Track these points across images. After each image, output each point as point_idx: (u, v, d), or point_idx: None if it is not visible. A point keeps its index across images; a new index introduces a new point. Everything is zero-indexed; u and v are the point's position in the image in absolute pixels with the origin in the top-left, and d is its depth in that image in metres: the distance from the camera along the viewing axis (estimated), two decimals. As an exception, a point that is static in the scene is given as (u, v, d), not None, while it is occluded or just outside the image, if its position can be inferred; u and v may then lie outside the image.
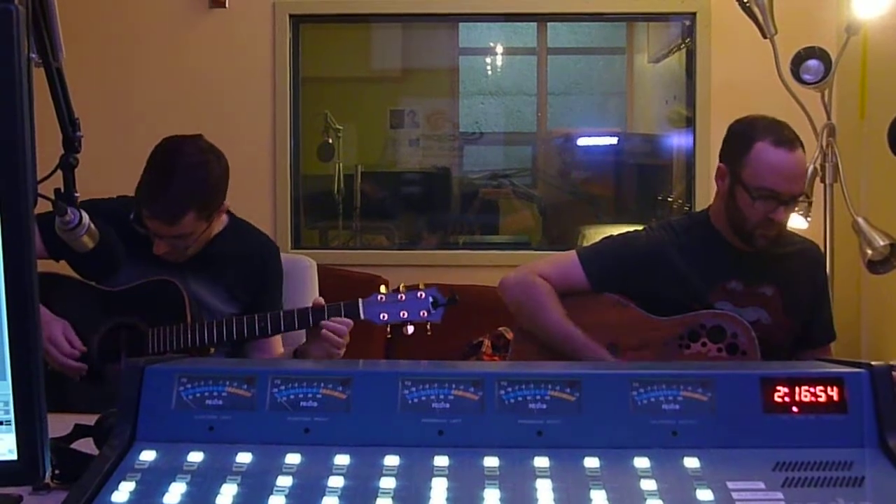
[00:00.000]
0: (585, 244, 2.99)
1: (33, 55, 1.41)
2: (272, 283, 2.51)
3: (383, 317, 2.21)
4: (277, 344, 2.48)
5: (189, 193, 2.24)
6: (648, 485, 0.96)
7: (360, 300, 2.23)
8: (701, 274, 2.39)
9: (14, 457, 0.93)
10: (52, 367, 2.24)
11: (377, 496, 0.95)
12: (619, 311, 2.40)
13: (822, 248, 2.83)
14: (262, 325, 2.25)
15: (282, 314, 2.26)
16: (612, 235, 2.56)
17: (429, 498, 0.95)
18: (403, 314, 2.20)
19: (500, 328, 4.15)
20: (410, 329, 2.21)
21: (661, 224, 2.52)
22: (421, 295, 2.21)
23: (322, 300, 2.28)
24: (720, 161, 2.43)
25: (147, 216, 2.26)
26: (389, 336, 2.26)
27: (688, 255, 2.41)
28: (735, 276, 2.38)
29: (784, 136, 2.31)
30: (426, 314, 2.19)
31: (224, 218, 2.45)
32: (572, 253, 2.49)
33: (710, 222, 2.44)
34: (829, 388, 1.04)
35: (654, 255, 2.42)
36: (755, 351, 2.30)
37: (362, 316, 2.22)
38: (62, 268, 2.28)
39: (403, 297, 2.21)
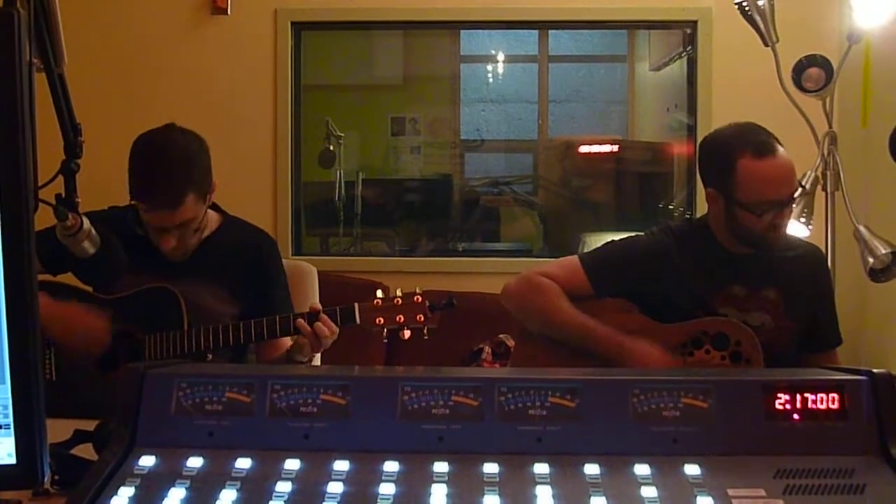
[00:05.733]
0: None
1: (35, 60, 1.41)
2: (273, 277, 2.50)
3: (380, 321, 2.20)
4: (285, 339, 2.47)
5: (185, 175, 2.25)
6: (649, 492, 0.96)
7: (356, 305, 2.23)
8: (703, 279, 2.38)
9: (13, 461, 0.93)
10: (78, 345, 2.24)
11: (377, 502, 0.95)
12: (623, 317, 2.39)
13: (824, 253, 2.83)
14: (257, 331, 2.25)
15: (277, 319, 2.25)
16: (614, 240, 2.55)
17: (428, 504, 0.94)
18: (400, 318, 2.19)
19: (501, 335, 4.15)
20: (407, 334, 2.20)
21: (661, 228, 2.51)
22: (417, 299, 2.20)
23: (319, 305, 2.28)
24: (707, 185, 2.40)
25: (147, 210, 2.25)
26: (386, 341, 2.25)
27: (689, 259, 2.41)
28: (738, 282, 2.38)
29: (761, 143, 2.28)
30: (423, 319, 2.19)
31: (217, 217, 2.45)
32: (574, 257, 2.48)
33: (709, 230, 2.43)
34: (830, 395, 1.04)
35: (655, 259, 2.41)
36: (759, 359, 2.29)
37: (358, 320, 2.22)
38: (61, 276, 2.28)
39: (400, 302, 2.20)
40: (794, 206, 2.39)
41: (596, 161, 5.42)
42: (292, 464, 1.00)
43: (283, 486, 0.97)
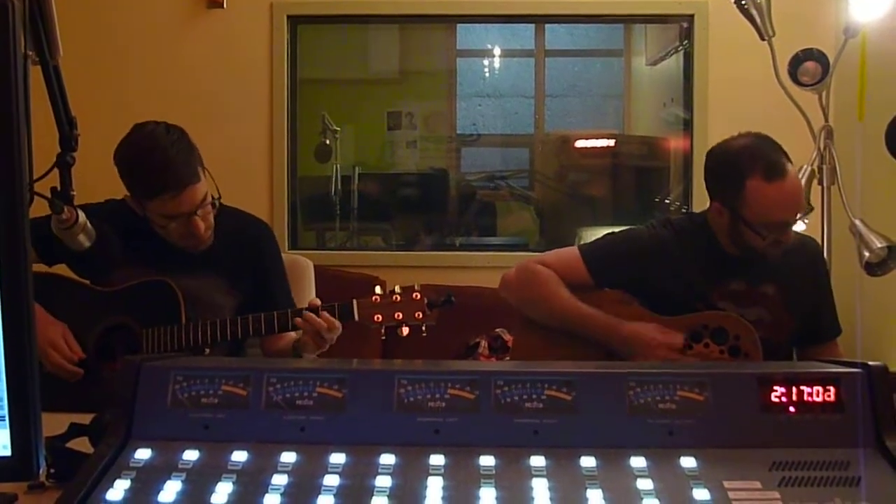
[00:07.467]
0: (583, 245, 2.97)
1: (30, 52, 1.41)
2: (271, 265, 2.50)
3: (378, 318, 2.20)
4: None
5: (188, 156, 2.26)
6: (645, 484, 0.96)
7: (354, 301, 2.22)
8: (702, 274, 2.39)
9: (8, 452, 0.93)
10: (48, 370, 2.23)
11: (373, 495, 0.95)
12: (622, 309, 2.39)
13: (820, 244, 2.83)
14: (255, 326, 2.24)
15: (275, 315, 2.25)
16: (613, 232, 2.55)
17: (424, 497, 0.94)
18: (398, 316, 2.19)
19: (498, 329, 4.15)
20: (405, 330, 2.19)
21: (661, 222, 2.51)
22: (416, 296, 2.19)
23: (318, 301, 2.27)
24: (712, 198, 2.40)
25: (161, 202, 2.24)
26: (384, 338, 2.24)
27: (688, 254, 2.41)
28: (736, 277, 2.38)
29: (772, 164, 2.25)
30: (421, 316, 2.18)
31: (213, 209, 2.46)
32: (574, 248, 2.49)
33: (709, 228, 2.43)
34: (825, 388, 1.04)
35: (655, 251, 2.41)
36: (758, 354, 2.29)
37: (356, 317, 2.21)
38: (58, 268, 2.27)
39: (398, 299, 2.19)
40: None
41: (592, 155, 5.42)
42: (288, 457, 1.00)
43: (280, 479, 0.97)
